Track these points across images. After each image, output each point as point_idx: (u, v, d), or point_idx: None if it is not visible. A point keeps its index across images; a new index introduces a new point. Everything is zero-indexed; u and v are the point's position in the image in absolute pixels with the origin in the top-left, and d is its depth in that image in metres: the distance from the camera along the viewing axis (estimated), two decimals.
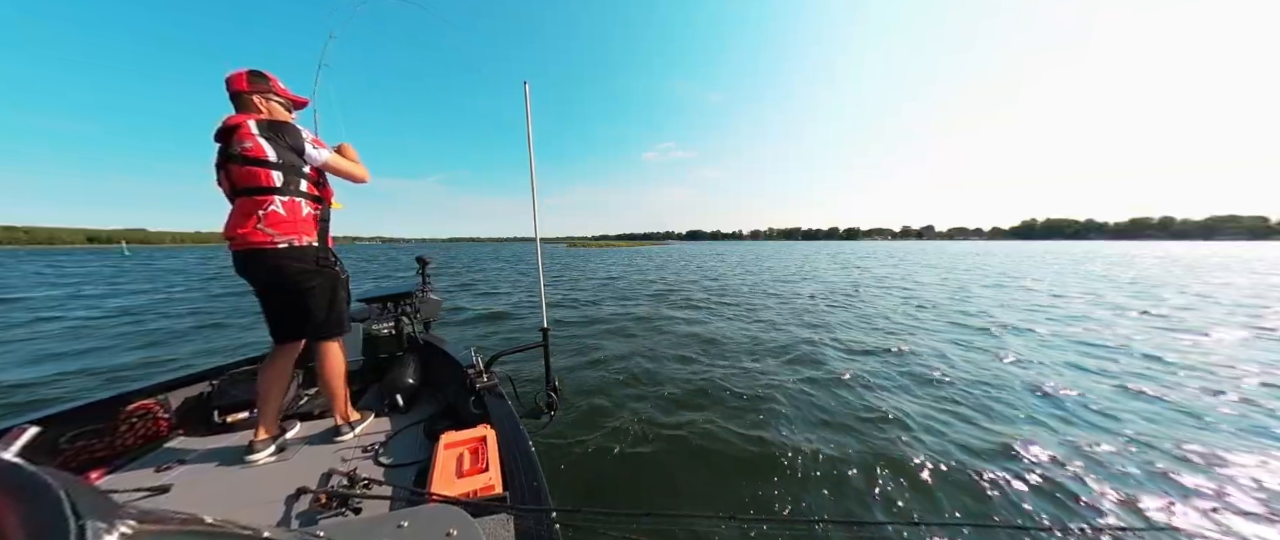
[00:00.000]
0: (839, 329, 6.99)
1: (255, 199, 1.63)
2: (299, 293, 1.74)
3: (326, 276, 1.80)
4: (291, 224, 1.68)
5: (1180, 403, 3.79)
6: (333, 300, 1.84)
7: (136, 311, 9.07)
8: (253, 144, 1.61)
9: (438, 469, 1.35)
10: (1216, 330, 6.79)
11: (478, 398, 1.90)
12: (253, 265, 1.69)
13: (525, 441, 1.51)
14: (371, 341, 2.64)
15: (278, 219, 1.65)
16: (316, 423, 2.06)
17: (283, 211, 1.66)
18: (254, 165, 1.61)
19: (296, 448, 1.82)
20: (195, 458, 1.74)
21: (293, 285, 1.72)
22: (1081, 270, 19.58)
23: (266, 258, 1.66)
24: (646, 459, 2.83)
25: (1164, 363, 5.02)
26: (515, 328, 7.57)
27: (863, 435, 3.12)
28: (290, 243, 1.67)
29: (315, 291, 1.77)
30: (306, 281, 1.74)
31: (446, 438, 1.51)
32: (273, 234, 1.64)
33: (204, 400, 2.07)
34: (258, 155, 1.61)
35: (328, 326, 1.84)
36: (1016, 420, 3.43)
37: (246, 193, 1.64)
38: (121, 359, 5.47)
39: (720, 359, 5.17)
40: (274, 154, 1.64)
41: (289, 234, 1.67)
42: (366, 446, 1.80)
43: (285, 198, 1.67)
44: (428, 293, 3.11)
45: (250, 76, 1.74)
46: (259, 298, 1.79)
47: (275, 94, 1.80)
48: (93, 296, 11.45)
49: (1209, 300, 10.04)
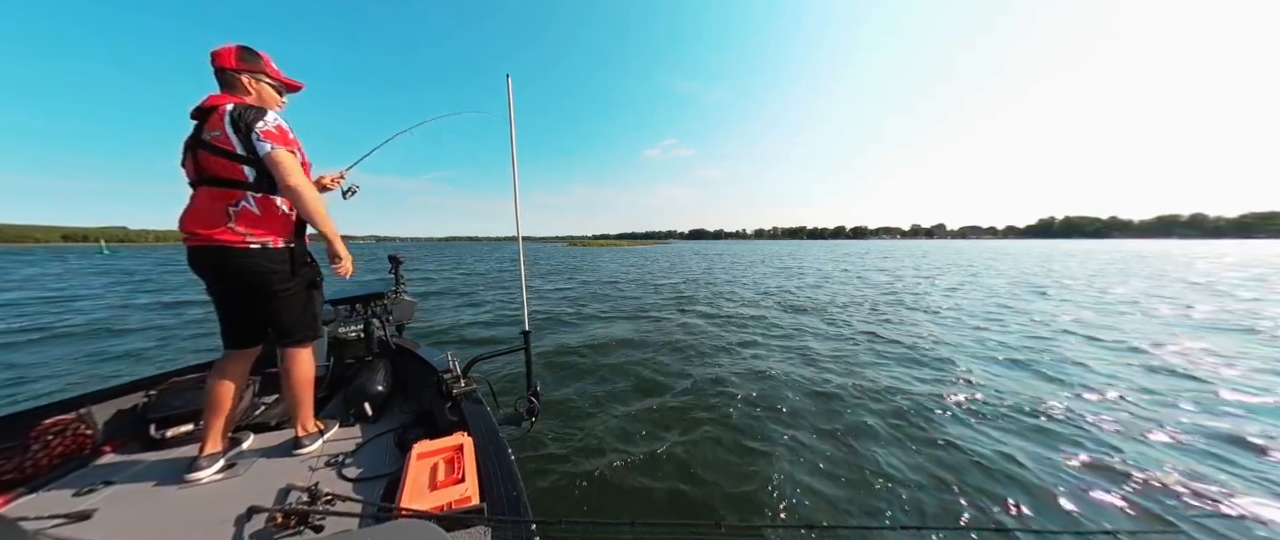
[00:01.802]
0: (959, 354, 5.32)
1: (224, 192, 1.49)
2: (268, 297, 1.60)
3: (302, 278, 1.67)
4: (267, 223, 1.54)
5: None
6: (306, 303, 1.70)
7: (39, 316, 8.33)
8: (221, 133, 1.47)
9: (409, 481, 1.28)
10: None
11: (454, 404, 1.83)
12: (215, 264, 1.53)
13: (504, 449, 1.46)
14: (338, 346, 2.49)
15: (251, 218, 1.51)
16: (274, 434, 1.90)
17: (256, 209, 1.52)
18: (223, 156, 1.47)
19: (249, 462, 1.66)
20: (127, 477, 1.56)
21: (262, 289, 1.58)
22: (1157, 271, 17.99)
23: (234, 258, 1.51)
24: (632, 467, 2.76)
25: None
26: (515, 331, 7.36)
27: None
28: (264, 244, 1.53)
29: (289, 295, 1.63)
30: (279, 285, 1.59)
31: (419, 447, 1.45)
32: (245, 234, 1.49)
33: (138, 413, 1.87)
34: (226, 147, 1.47)
35: (300, 330, 1.70)
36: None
37: (215, 183, 1.49)
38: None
39: (716, 363, 5.14)
40: (242, 146, 1.49)
41: (264, 234, 1.53)
42: (330, 459, 1.69)
43: (259, 194, 1.53)
44: (401, 293, 2.97)
45: (240, 53, 1.58)
46: (215, 297, 1.63)
47: (267, 76, 1.65)
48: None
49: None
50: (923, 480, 2.62)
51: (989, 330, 6.80)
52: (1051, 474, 2.69)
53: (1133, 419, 3.48)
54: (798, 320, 7.85)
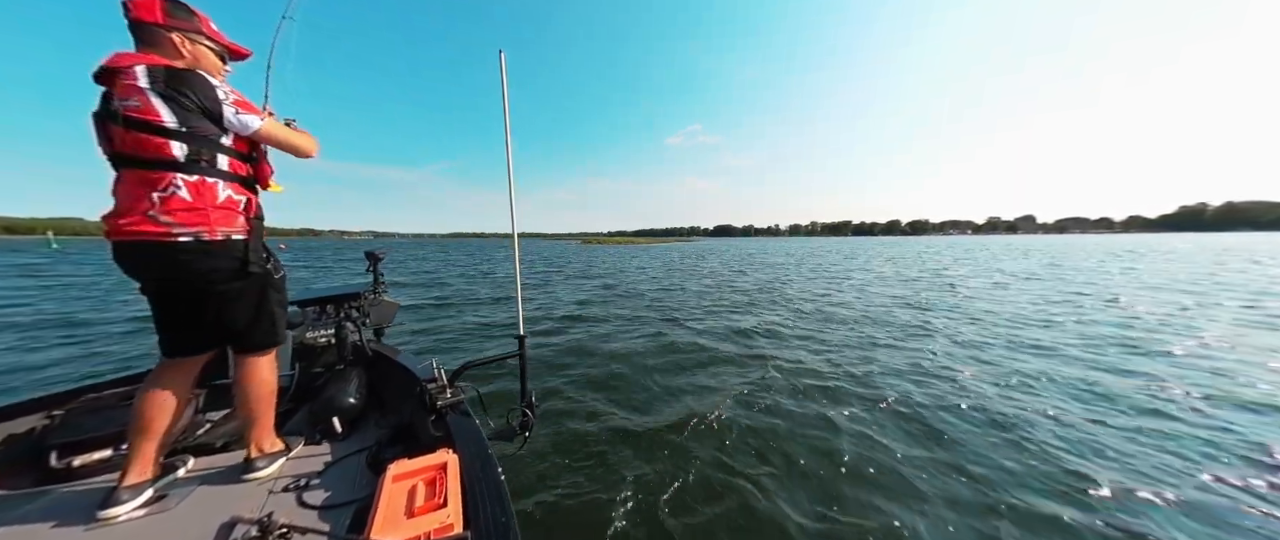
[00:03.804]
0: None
1: (147, 174, 1.23)
2: (211, 299, 1.35)
3: (255, 280, 1.41)
4: (200, 212, 1.27)
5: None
6: (261, 304, 1.45)
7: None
8: (140, 101, 1.20)
9: (382, 507, 1.11)
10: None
11: (439, 417, 1.63)
12: (141, 261, 1.28)
13: (494, 468, 1.29)
14: (306, 353, 2.24)
15: (180, 205, 1.24)
16: (220, 456, 1.64)
17: (187, 195, 1.25)
18: (141, 131, 1.21)
19: (185, 492, 1.40)
20: (15, 518, 1.28)
21: (202, 290, 1.33)
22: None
23: (161, 253, 1.25)
24: (636, 487, 2.53)
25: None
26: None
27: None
28: (197, 236, 1.27)
29: (236, 296, 1.38)
30: (223, 285, 1.35)
31: (396, 468, 1.26)
32: (170, 224, 1.23)
33: (33, 439, 1.58)
34: (146, 117, 1.20)
35: (255, 335, 1.45)
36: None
37: (135, 164, 1.23)
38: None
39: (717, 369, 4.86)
40: (173, 117, 1.23)
41: (195, 225, 1.26)
42: (290, 483, 1.46)
43: (192, 177, 1.27)
44: (380, 294, 2.71)
45: (168, 5, 1.32)
46: (150, 300, 1.37)
47: (205, 37, 1.39)
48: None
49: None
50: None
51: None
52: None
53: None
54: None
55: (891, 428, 3.33)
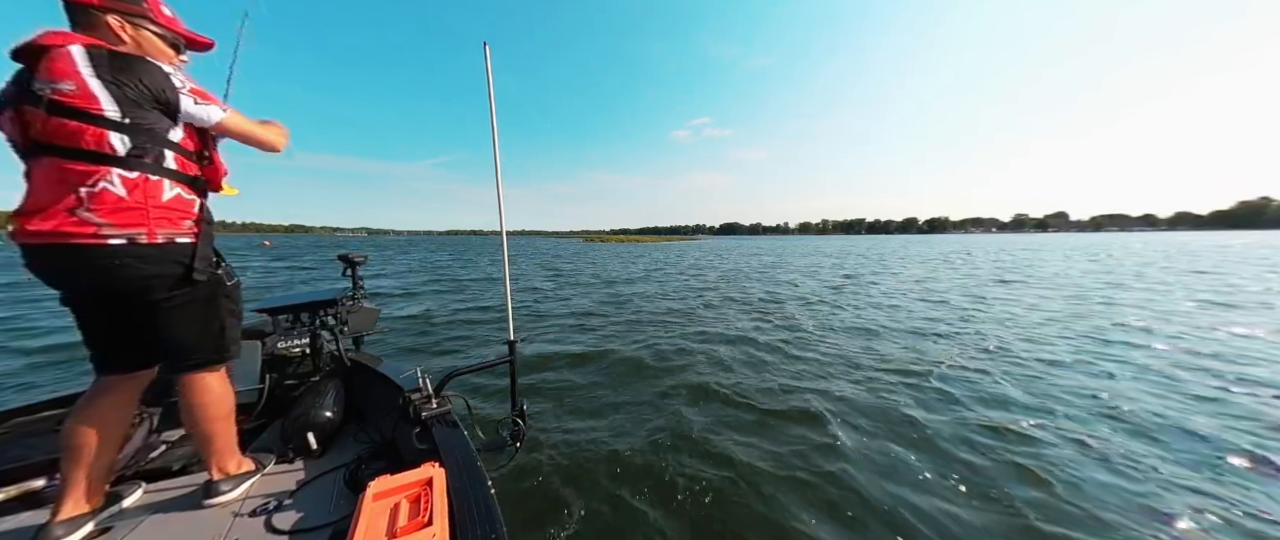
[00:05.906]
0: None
1: (72, 166, 1.07)
2: (148, 309, 1.20)
3: (202, 288, 1.27)
4: (138, 211, 1.12)
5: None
6: (208, 315, 1.31)
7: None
8: (76, 85, 1.06)
9: (361, 528, 1.02)
10: None
11: (423, 429, 1.52)
12: (62, 267, 1.13)
13: (483, 482, 1.21)
14: (276, 364, 2.09)
15: (113, 202, 1.09)
16: (178, 481, 1.49)
17: (122, 192, 1.10)
18: (72, 119, 1.06)
19: (133, 523, 1.26)
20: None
21: (136, 299, 1.18)
22: None
23: (88, 258, 1.09)
24: (634, 500, 2.42)
25: None
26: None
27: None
28: (132, 238, 1.12)
29: (178, 307, 1.23)
30: (160, 294, 1.19)
31: (376, 485, 1.15)
32: (100, 224, 1.08)
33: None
34: (82, 104, 1.06)
35: (201, 352, 1.30)
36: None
37: (59, 154, 1.07)
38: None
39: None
40: (115, 106, 1.09)
41: (131, 226, 1.11)
42: (259, 507, 1.34)
43: (132, 174, 1.12)
44: (359, 300, 2.56)
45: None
46: (72, 310, 1.21)
47: (154, 22, 1.26)
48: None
49: None
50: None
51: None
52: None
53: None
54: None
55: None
